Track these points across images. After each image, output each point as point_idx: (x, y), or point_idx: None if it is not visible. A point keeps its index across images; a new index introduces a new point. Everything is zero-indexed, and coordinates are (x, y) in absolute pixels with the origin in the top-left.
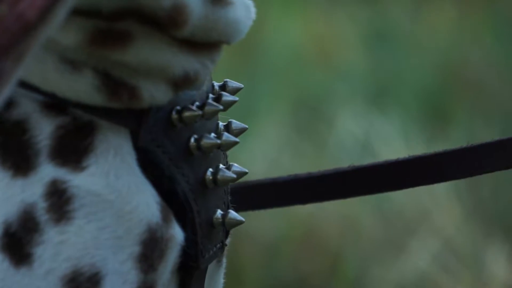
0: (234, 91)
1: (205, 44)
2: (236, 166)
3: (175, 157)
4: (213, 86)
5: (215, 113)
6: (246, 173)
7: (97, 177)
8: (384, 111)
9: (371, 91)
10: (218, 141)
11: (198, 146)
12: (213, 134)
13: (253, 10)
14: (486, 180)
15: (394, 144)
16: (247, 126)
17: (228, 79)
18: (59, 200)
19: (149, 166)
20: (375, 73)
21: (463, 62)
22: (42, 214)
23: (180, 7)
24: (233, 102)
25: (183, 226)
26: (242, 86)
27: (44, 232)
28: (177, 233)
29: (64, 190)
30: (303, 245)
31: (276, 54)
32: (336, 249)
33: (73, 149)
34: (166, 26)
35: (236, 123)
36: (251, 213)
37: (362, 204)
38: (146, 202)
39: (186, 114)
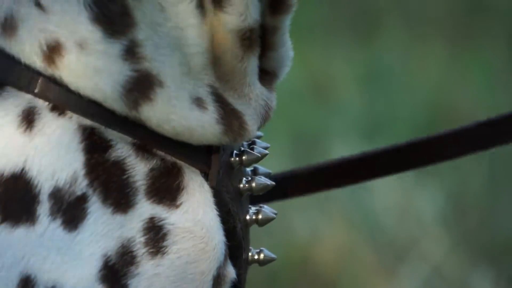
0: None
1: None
2: (266, 208)
3: (233, 197)
4: None
5: (257, 160)
6: (275, 214)
7: (189, 214)
8: (377, 146)
9: (365, 127)
10: (269, 183)
11: (250, 188)
12: (263, 177)
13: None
14: (472, 210)
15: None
16: (270, 171)
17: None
18: (156, 236)
19: (217, 204)
20: (368, 110)
21: (452, 100)
22: (139, 248)
23: None
24: (265, 154)
25: (235, 263)
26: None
27: (140, 265)
28: (231, 271)
29: (161, 226)
30: (301, 271)
31: (277, 92)
32: (332, 274)
33: (166, 188)
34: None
35: (262, 169)
36: (251, 242)
37: (356, 232)
38: (221, 240)
39: (246, 157)
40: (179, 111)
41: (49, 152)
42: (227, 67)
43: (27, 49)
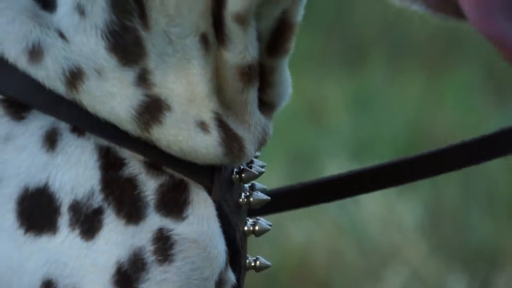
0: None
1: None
2: (262, 220)
3: (233, 210)
4: None
5: (255, 177)
6: (270, 225)
7: (194, 226)
8: (364, 164)
9: (354, 147)
10: (265, 198)
11: (248, 202)
12: (260, 192)
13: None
14: (447, 220)
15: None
16: (266, 187)
17: None
18: (164, 245)
19: (219, 217)
20: (357, 132)
21: (430, 122)
22: (149, 256)
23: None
24: (262, 172)
25: (234, 268)
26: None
27: (150, 271)
28: (231, 276)
29: (168, 237)
30: (297, 274)
31: (274, 116)
32: (324, 277)
33: (174, 202)
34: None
35: (258, 185)
36: (251, 246)
37: (345, 239)
38: (223, 249)
39: (245, 174)
40: (186, 133)
41: (69, 169)
42: (229, 97)
43: (52, 75)
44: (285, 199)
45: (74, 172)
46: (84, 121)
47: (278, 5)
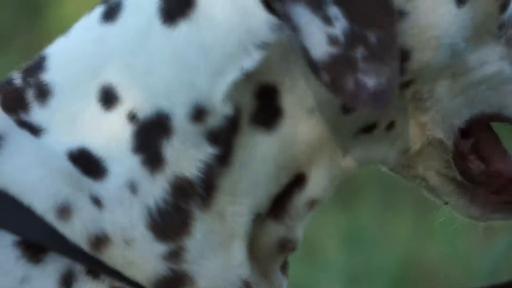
0: None
1: None
2: None
3: None
4: None
5: None
6: None
7: None
8: None
9: (347, 279)
10: None
11: None
12: None
13: None
14: None
15: None
16: None
17: None
18: None
19: None
20: (349, 264)
21: (421, 256)
22: None
23: None
24: None
25: None
26: None
27: None
28: None
29: None
30: None
31: None
32: None
33: None
34: None
35: None
36: None
37: None
38: None
39: None
40: None
41: None
42: (262, 266)
43: (77, 235)
44: None
45: None
46: (99, 265)
47: None
